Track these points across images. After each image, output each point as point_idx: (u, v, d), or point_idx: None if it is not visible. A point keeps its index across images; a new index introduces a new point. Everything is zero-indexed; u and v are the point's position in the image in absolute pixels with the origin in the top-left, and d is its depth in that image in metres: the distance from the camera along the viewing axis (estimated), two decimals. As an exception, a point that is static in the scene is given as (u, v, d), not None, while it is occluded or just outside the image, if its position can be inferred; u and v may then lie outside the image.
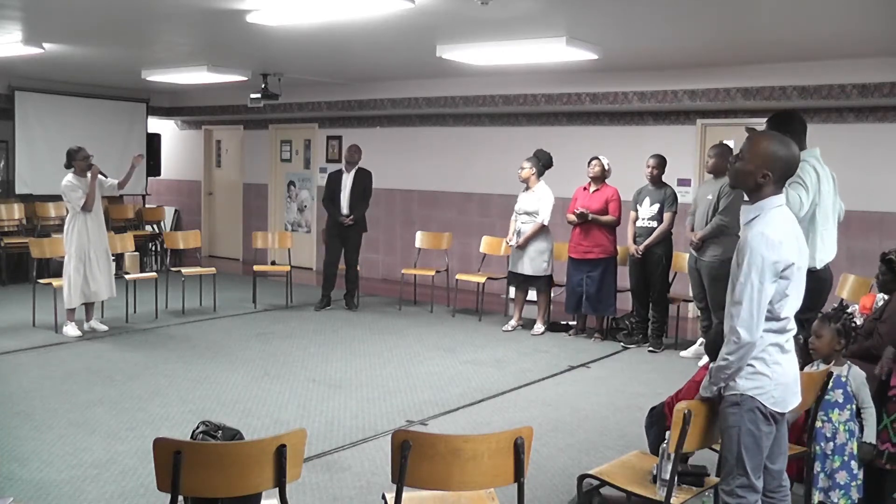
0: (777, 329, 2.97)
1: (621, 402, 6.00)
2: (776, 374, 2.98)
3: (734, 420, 3.00)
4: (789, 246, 2.92)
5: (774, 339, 2.98)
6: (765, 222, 2.93)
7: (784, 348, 3.01)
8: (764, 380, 2.97)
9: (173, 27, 7.13)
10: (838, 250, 4.75)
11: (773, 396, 2.97)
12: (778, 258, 2.88)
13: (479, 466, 2.81)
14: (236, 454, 2.80)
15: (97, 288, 7.64)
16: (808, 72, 7.75)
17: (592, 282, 7.82)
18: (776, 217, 2.95)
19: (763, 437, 2.99)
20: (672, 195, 7.58)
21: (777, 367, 2.98)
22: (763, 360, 2.97)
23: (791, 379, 3.04)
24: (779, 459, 3.15)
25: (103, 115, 11.99)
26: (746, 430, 2.98)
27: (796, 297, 3.00)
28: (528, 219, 8.05)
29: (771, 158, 2.95)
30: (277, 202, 13.01)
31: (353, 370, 6.72)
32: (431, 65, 8.49)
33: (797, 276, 2.96)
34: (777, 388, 2.98)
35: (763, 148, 2.99)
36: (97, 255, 7.63)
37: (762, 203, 2.97)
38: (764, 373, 2.97)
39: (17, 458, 4.59)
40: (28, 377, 6.30)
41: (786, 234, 2.93)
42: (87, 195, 7.52)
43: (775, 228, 2.91)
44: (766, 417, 2.98)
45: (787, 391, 3.02)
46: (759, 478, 3.03)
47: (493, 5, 5.51)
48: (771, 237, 2.88)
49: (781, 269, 2.89)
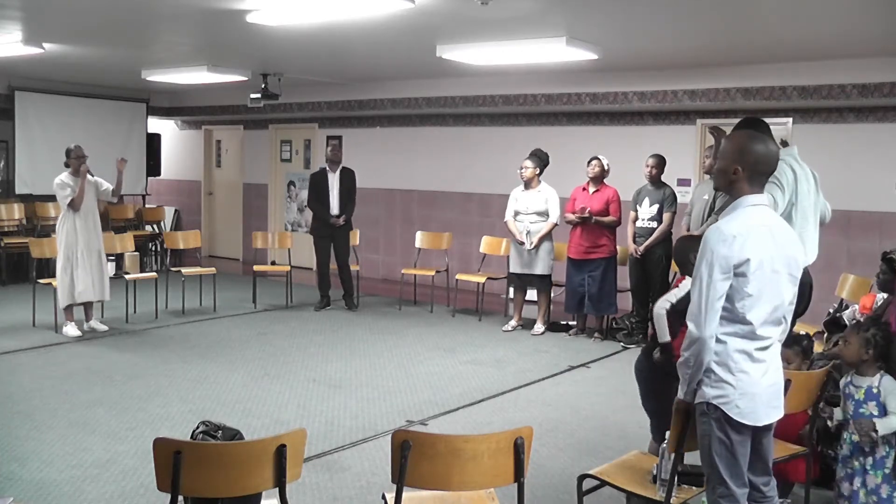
0: (744, 334, 2.85)
1: (621, 402, 6.00)
2: (741, 382, 2.84)
3: (704, 429, 2.91)
4: (749, 243, 2.80)
5: (741, 345, 2.85)
6: (729, 219, 2.88)
7: (753, 357, 2.86)
8: (727, 388, 2.84)
9: (173, 27, 7.13)
10: (838, 250, 4.69)
11: (738, 406, 2.83)
12: (729, 253, 2.79)
13: (479, 466, 2.81)
14: (236, 454, 2.81)
15: (83, 289, 7.58)
16: (808, 72, 7.75)
17: (594, 282, 7.82)
18: (745, 214, 2.87)
19: (736, 446, 2.87)
20: (671, 195, 7.58)
21: (743, 376, 2.84)
22: (726, 367, 2.85)
23: (762, 389, 2.87)
24: (763, 474, 3.03)
25: (103, 115, 11.99)
26: (716, 438, 2.88)
27: (767, 299, 2.85)
28: (537, 219, 8.03)
29: (742, 153, 2.90)
30: (277, 202, 13.01)
31: (353, 370, 6.72)
32: (431, 65, 8.49)
33: (763, 277, 2.83)
34: (742, 399, 2.83)
35: (734, 144, 2.96)
36: (86, 255, 7.57)
37: (736, 202, 2.92)
38: (727, 380, 2.84)
39: (17, 458, 4.60)
40: (28, 377, 6.30)
41: (747, 231, 2.82)
42: (75, 194, 7.48)
43: (735, 224, 2.84)
44: (734, 427, 2.86)
45: (755, 402, 2.85)
46: (741, 486, 2.91)
47: (493, 5, 5.51)
48: (724, 231, 2.82)
49: (734, 264, 2.79)
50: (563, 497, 4.26)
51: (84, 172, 7.55)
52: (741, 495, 2.92)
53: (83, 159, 7.57)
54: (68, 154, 7.59)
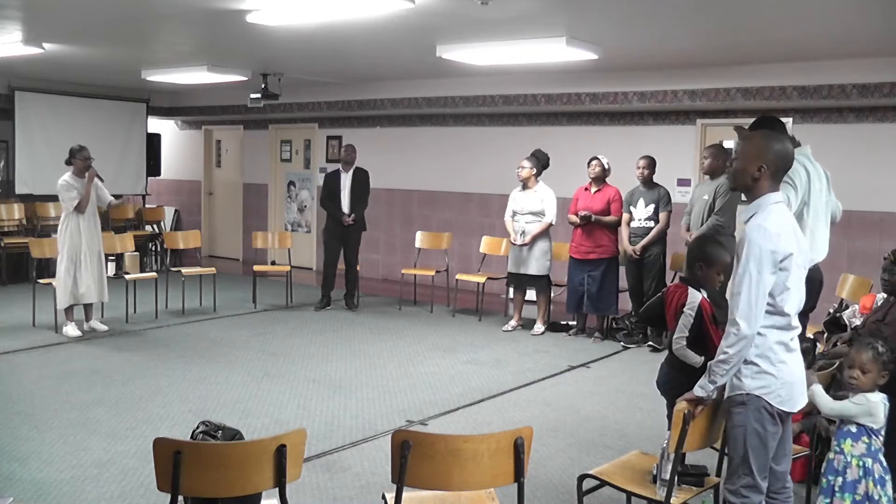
0: (781, 326, 2.97)
1: (621, 402, 6.00)
2: (782, 372, 2.96)
3: (740, 420, 2.99)
4: (787, 238, 2.93)
5: (779, 336, 2.97)
6: (763, 216, 2.95)
7: (789, 346, 2.99)
8: (770, 379, 2.96)
9: (173, 27, 7.13)
10: (838, 250, 4.72)
11: (780, 395, 2.96)
12: (775, 248, 2.89)
13: (479, 466, 2.81)
14: (236, 454, 2.80)
15: (85, 290, 7.57)
16: (808, 72, 7.75)
17: (594, 281, 7.82)
18: (774, 211, 2.96)
19: (769, 437, 2.98)
20: (666, 195, 7.60)
21: (783, 366, 2.97)
22: (768, 359, 2.96)
23: (797, 378, 3.02)
24: (783, 461, 3.14)
25: (103, 115, 11.99)
26: (752, 429, 2.97)
27: (797, 291, 2.99)
28: (532, 218, 8.04)
29: (764, 152, 2.98)
30: (277, 202, 13.01)
31: (353, 370, 6.72)
32: (431, 65, 8.49)
33: (796, 270, 2.96)
34: (783, 387, 2.97)
35: (755, 143, 3.03)
36: (88, 257, 7.56)
37: (759, 200, 2.99)
38: (769, 371, 2.96)
39: (17, 458, 4.60)
40: (28, 377, 6.30)
41: (783, 227, 2.94)
42: (82, 197, 7.48)
43: (773, 221, 2.93)
44: (772, 417, 2.97)
45: (793, 390, 3.00)
46: (764, 478, 3.02)
47: (493, 5, 5.51)
48: (768, 228, 2.90)
49: (780, 259, 2.90)
50: (563, 497, 4.26)
51: (92, 175, 7.54)
52: (763, 487, 3.03)
53: (90, 161, 7.55)
54: (72, 154, 7.56)
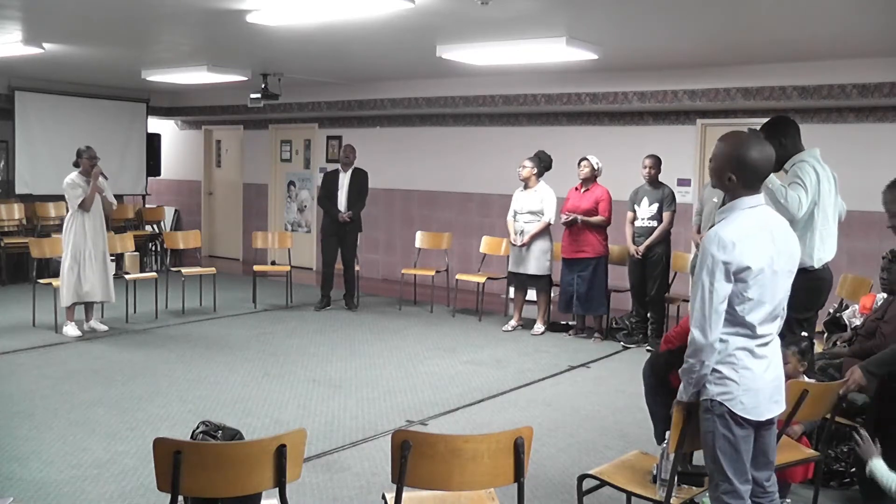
0: (745, 334, 2.88)
1: (621, 402, 6.00)
2: (745, 379, 2.87)
3: (708, 426, 2.93)
4: (748, 248, 2.81)
5: (742, 343, 2.88)
6: (725, 223, 2.88)
7: (755, 353, 2.90)
8: (731, 385, 2.87)
9: (173, 27, 7.13)
10: (838, 250, 4.73)
11: (742, 403, 2.87)
12: (728, 259, 2.80)
13: (479, 466, 2.81)
14: (236, 454, 2.81)
15: (90, 288, 7.59)
16: (808, 72, 7.75)
17: (583, 281, 7.83)
18: (742, 218, 2.88)
19: (739, 442, 2.89)
20: (670, 194, 7.59)
21: (746, 373, 2.88)
22: (730, 365, 2.88)
23: (764, 385, 2.91)
24: (764, 468, 3.06)
25: (103, 115, 11.99)
26: (720, 434, 2.90)
27: (769, 302, 2.88)
28: (531, 218, 8.05)
29: (734, 161, 2.89)
30: (277, 202, 13.01)
31: (353, 370, 6.72)
32: (431, 65, 8.49)
33: (761, 281, 2.84)
34: (746, 394, 2.87)
35: (727, 149, 2.93)
36: (93, 256, 7.59)
37: (733, 204, 2.92)
38: (731, 378, 2.87)
39: (17, 458, 4.60)
40: (28, 377, 6.30)
41: (745, 236, 2.83)
42: (87, 195, 7.51)
43: (732, 229, 2.84)
44: (738, 422, 2.88)
45: (758, 398, 2.89)
46: (745, 482, 2.94)
47: (493, 5, 5.51)
48: (723, 237, 2.82)
49: (735, 270, 2.81)
50: (563, 497, 4.26)
51: (97, 174, 7.56)
52: (745, 492, 2.94)
53: (96, 160, 7.58)
54: (79, 154, 7.60)
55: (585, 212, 7.78)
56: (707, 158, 7.01)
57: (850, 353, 4.88)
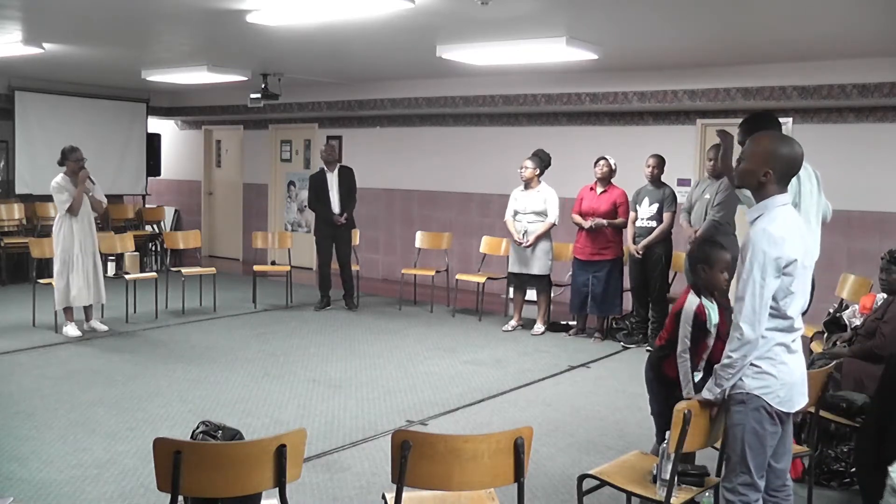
0: (784, 328, 2.98)
1: (621, 402, 6.00)
2: (782, 373, 2.98)
3: (739, 418, 3.01)
4: (792, 243, 2.93)
5: (781, 338, 2.98)
6: (768, 220, 2.95)
7: (790, 348, 3.01)
8: (770, 379, 2.97)
9: (173, 27, 7.13)
10: (838, 250, 4.71)
11: (779, 396, 2.98)
12: (780, 254, 2.89)
13: (479, 466, 2.81)
14: (236, 454, 2.80)
15: (76, 293, 7.54)
16: (808, 72, 7.75)
17: (599, 282, 7.82)
18: (779, 215, 2.96)
19: (767, 437, 3.00)
20: (671, 195, 7.58)
21: (783, 367, 2.99)
22: (770, 360, 2.98)
23: (797, 379, 3.04)
24: (783, 459, 3.15)
25: (103, 115, 11.99)
26: (751, 428, 2.99)
27: (802, 294, 3.01)
28: (535, 218, 8.04)
29: (771, 157, 2.98)
30: (277, 202, 13.01)
31: (353, 370, 6.72)
32: (431, 65, 8.49)
33: (801, 274, 2.97)
34: (783, 388, 2.98)
35: (763, 147, 3.02)
36: (81, 259, 7.53)
37: (766, 202, 2.99)
38: (770, 372, 2.97)
39: (17, 458, 4.60)
40: (28, 377, 6.30)
41: (789, 231, 2.94)
42: (73, 199, 7.44)
43: (778, 225, 2.93)
44: (771, 417, 2.99)
45: (793, 391, 3.01)
46: (761, 476, 3.04)
47: (493, 5, 5.51)
48: (773, 233, 2.90)
49: (784, 265, 2.90)
50: (563, 497, 4.26)
51: (84, 178, 7.48)
52: (761, 486, 3.04)
53: (82, 162, 7.50)
54: (66, 154, 7.50)
55: (604, 214, 7.77)
56: (707, 158, 7.07)
57: (850, 353, 4.89)
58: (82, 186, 7.49)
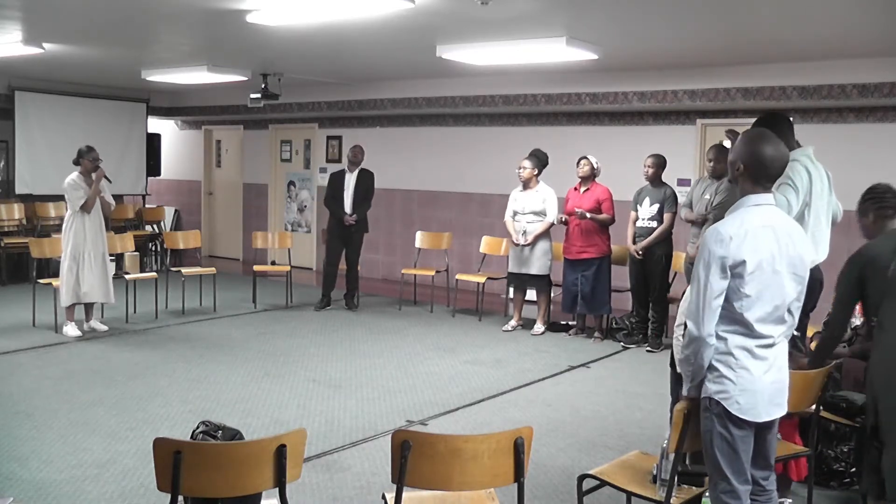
0: (744, 332, 2.88)
1: (621, 402, 6.00)
2: (742, 379, 2.86)
3: (707, 424, 2.94)
4: (747, 244, 2.82)
5: (742, 342, 2.88)
6: (727, 219, 2.91)
7: (755, 354, 2.88)
8: (727, 384, 2.87)
9: (173, 27, 7.13)
10: (838, 250, 4.70)
11: (738, 403, 2.86)
12: (725, 253, 2.81)
13: (479, 466, 2.81)
14: (236, 454, 2.81)
15: (88, 289, 7.58)
16: (808, 72, 7.75)
17: (587, 281, 7.83)
18: (745, 214, 2.89)
19: (737, 441, 2.89)
20: (672, 195, 7.58)
21: (743, 373, 2.87)
22: (727, 363, 2.88)
23: (762, 387, 2.89)
24: (763, 467, 3.05)
25: (103, 115, 11.99)
26: (718, 433, 2.90)
27: (768, 300, 2.87)
28: (534, 218, 8.04)
29: (747, 153, 2.92)
30: (277, 202, 13.01)
31: (353, 370, 6.72)
32: (431, 65, 8.49)
33: (761, 278, 2.84)
34: (742, 395, 2.86)
35: (744, 142, 2.98)
36: (92, 257, 7.58)
37: (740, 201, 2.94)
38: (727, 376, 2.88)
39: (17, 458, 4.60)
40: (28, 377, 6.30)
41: (745, 232, 2.83)
42: (88, 196, 7.51)
43: (732, 224, 2.86)
44: (735, 422, 2.88)
45: (756, 399, 2.87)
46: (743, 483, 2.93)
47: (493, 5, 5.51)
48: (721, 232, 2.84)
49: (730, 264, 2.81)
50: (563, 497, 4.26)
51: (100, 176, 7.56)
52: (743, 492, 2.94)
53: (98, 162, 7.58)
54: (81, 154, 7.58)
55: (588, 212, 7.77)
56: (707, 159, 7.07)
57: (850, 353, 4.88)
58: (97, 184, 7.55)
